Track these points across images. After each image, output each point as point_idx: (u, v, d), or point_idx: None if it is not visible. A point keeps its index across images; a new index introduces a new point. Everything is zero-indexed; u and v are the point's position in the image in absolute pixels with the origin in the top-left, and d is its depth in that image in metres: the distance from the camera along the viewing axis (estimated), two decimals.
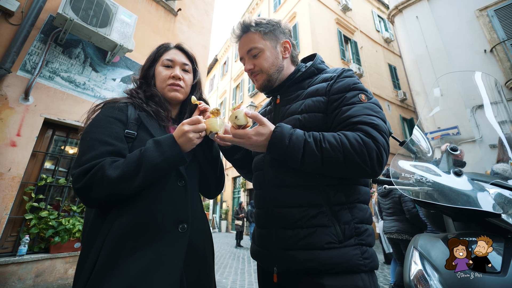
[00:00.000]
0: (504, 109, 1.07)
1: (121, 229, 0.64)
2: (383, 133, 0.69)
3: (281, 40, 0.91)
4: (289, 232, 0.73)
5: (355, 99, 0.75)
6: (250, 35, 0.88)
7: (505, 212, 0.81)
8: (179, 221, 0.71)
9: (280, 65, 0.90)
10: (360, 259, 0.68)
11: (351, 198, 0.74)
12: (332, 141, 0.68)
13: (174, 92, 0.88)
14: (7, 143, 2.41)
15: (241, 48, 0.91)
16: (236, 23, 0.90)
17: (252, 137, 0.71)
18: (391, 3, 8.57)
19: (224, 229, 14.84)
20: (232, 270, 4.85)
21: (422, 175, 0.95)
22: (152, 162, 0.65)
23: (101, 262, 0.61)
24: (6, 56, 2.42)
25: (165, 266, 0.64)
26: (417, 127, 1.11)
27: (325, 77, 0.85)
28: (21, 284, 2.34)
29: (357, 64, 11.27)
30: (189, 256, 0.72)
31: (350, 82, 0.79)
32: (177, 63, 0.90)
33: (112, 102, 0.82)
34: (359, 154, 0.65)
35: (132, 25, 3.17)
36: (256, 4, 15.40)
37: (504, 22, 6.12)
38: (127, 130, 0.76)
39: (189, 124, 0.71)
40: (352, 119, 0.71)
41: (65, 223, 2.68)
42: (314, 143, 0.69)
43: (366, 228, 0.73)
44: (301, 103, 0.83)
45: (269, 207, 0.80)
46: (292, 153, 0.70)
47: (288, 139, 0.70)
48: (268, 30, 0.88)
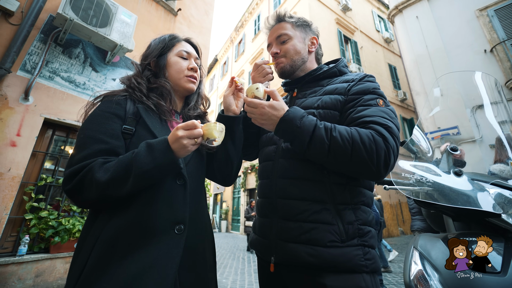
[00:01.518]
0: (504, 109, 1.07)
1: (113, 230, 0.61)
2: (394, 137, 0.69)
3: (310, 35, 0.97)
4: (291, 224, 0.73)
5: (372, 102, 0.76)
6: (283, 24, 0.95)
7: (505, 212, 0.81)
8: (175, 222, 0.67)
9: (305, 56, 0.95)
10: (362, 260, 0.68)
11: (356, 199, 0.75)
12: (343, 132, 0.67)
13: (191, 84, 0.88)
14: (7, 143, 2.41)
15: (271, 34, 0.97)
16: (271, 15, 0.98)
17: (266, 107, 0.73)
18: (391, 3, 8.57)
19: (224, 229, 14.83)
20: (232, 270, 4.85)
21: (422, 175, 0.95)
22: (142, 168, 0.60)
23: (91, 265, 0.58)
24: (6, 56, 2.42)
25: (159, 269, 0.61)
26: (417, 127, 1.11)
27: (346, 79, 0.86)
28: (21, 284, 2.34)
29: (357, 64, 11.26)
30: (186, 258, 0.68)
31: (370, 86, 0.80)
32: (192, 56, 0.91)
33: (110, 96, 0.77)
34: (368, 150, 0.64)
35: (132, 25, 3.17)
36: (256, 4, 15.39)
37: (504, 22, 6.12)
38: (124, 125, 0.72)
39: (183, 129, 0.64)
40: (366, 118, 0.71)
41: (65, 223, 2.68)
42: (324, 130, 0.69)
43: (369, 230, 0.74)
44: (318, 99, 0.84)
45: (273, 197, 0.80)
46: (301, 134, 0.69)
47: (300, 120, 0.70)
48: (300, 23, 0.95)
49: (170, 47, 0.89)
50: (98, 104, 0.76)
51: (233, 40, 18.38)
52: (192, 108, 0.94)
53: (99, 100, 0.78)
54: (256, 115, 0.75)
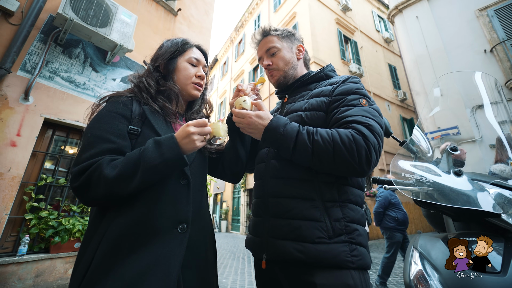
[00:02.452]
0: (504, 109, 1.07)
1: (118, 229, 0.62)
2: (375, 134, 0.72)
3: (296, 44, 1.03)
4: (281, 222, 0.76)
5: (355, 102, 0.79)
6: (269, 37, 1.01)
7: (505, 212, 0.81)
8: (179, 221, 0.69)
9: (295, 64, 1.01)
10: (348, 256, 0.69)
11: (343, 197, 0.77)
12: (324, 135, 0.71)
13: (196, 91, 0.92)
14: (7, 143, 2.41)
15: (260, 48, 1.03)
16: (256, 31, 1.04)
17: (252, 117, 0.78)
18: (391, 3, 8.57)
19: (224, 229, 14.83)
20: (232, 270, 4.85)
21: (422, 175, 0.95)
22: (151, 163, 0.62)
23: (96, 264, 0.59)
24: (6, 56, 2.42)
25: (163, 268, 0.62)
26: (417, 127, 1.11)
27: (331, 81, 0.92)
28: (21, 284, 2.34)
29: (357, 64, 11.26)
30: (189, 257, 0.70)
31: (353, 87, 0.84)
32: (201, 63, 0.94)
33: (116, 97, 0.79)
34: (348, 149, 0.67)
35: (132, 25, 3.17)
36: (256, 4, 15.40)
37: (504, 22, 6.12)
38: (130, 126, 0.74)
39: (195, 126, 0.68)
40: (348, 118, 0.75)
41: (65, 223, 2.68)
42: (306, 134, 0.73)
43: (356, 227, 0.75)
44: (305, 102, 0.89)
45: (265, 196, 0.84)
46: (285, 141, 0.74)
47: (283, 127, 0.75)
48: (285, 34, 1.01)
49: (182, 52, 0.91)
50: (104, 105, 0.78)
51: (233, 40, 18.38)
52: (195, 112, 0.98)
53: (105, 101, 0.80)
54: (244, 125, 0.80)
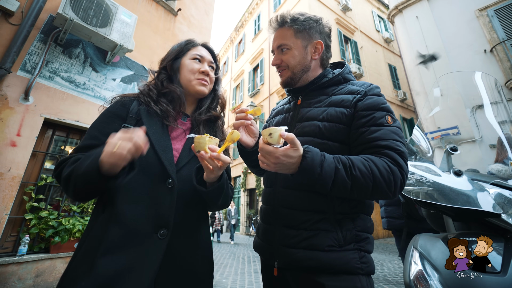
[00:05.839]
0: (504, 109, 1.07)
1: (100, 226, 0.63)
2: (406, 161, 0.73)
3: (313, 40, 0.90)
4: (292, 232, 0.76)
5: (383, 120, 0.76)
6: (284, 30, 0.90)
7: (505, 212, 0.81)
8: (159, 226, 0.65)
9: (307, 66, 0.91)
10: (358, 263, 0.71)
11: (355, 209, 0.77)
12: (362, 168, 0.67)
13: (202, 87, 0.89)
14: (7, 143, 2.41)
15: (274, 41, 0.95)
16: (275, 16, 0.92)
17: (280, 157, 0.65)
18: (391, 3, 8.57)
19: (224, 229, 14.82)
20: (232, 270, 4.85)
21: (422, 175, 0.95)
22: (78, 172, 0.61)
23: (76, 261, 0.61)
24: (6, 56, 2.42)
25: (136, 273, 0.60)
26: (417, 127, 1.11)
27: (352, 89, 0.85)
28: (21, 284, 2.34)
29: (357, 64, 11.26)
30: (169, 265, 0.66)
31: (379, 102, 0.80)
32: (206, 60, 0.92)
33: (120, 97, 0.83)
34: (387, 182, 0.67)
35: (132, 25, 3.17)
36: (256, 4, 15.39)
37: (504, 22, 6.12)
38: (124, 124, 0.75)
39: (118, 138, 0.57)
40: (380, 142, 0.73)
41: (65, 223, 2.68)
42: (344, 170, 0.67)
43: (366, 236, 0.77)
44: (323, 110, 0.83)
45: (276, 205, 0.83)
46: (324, 181, 0.66)
47: (320, 166, 0.66)
48: (303, 28, 0.89)
49: (186, 51, 0.91)
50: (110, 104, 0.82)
51: (233, 40, 18.37)
52: (203, 112, 0.92)
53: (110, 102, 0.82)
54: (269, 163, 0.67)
